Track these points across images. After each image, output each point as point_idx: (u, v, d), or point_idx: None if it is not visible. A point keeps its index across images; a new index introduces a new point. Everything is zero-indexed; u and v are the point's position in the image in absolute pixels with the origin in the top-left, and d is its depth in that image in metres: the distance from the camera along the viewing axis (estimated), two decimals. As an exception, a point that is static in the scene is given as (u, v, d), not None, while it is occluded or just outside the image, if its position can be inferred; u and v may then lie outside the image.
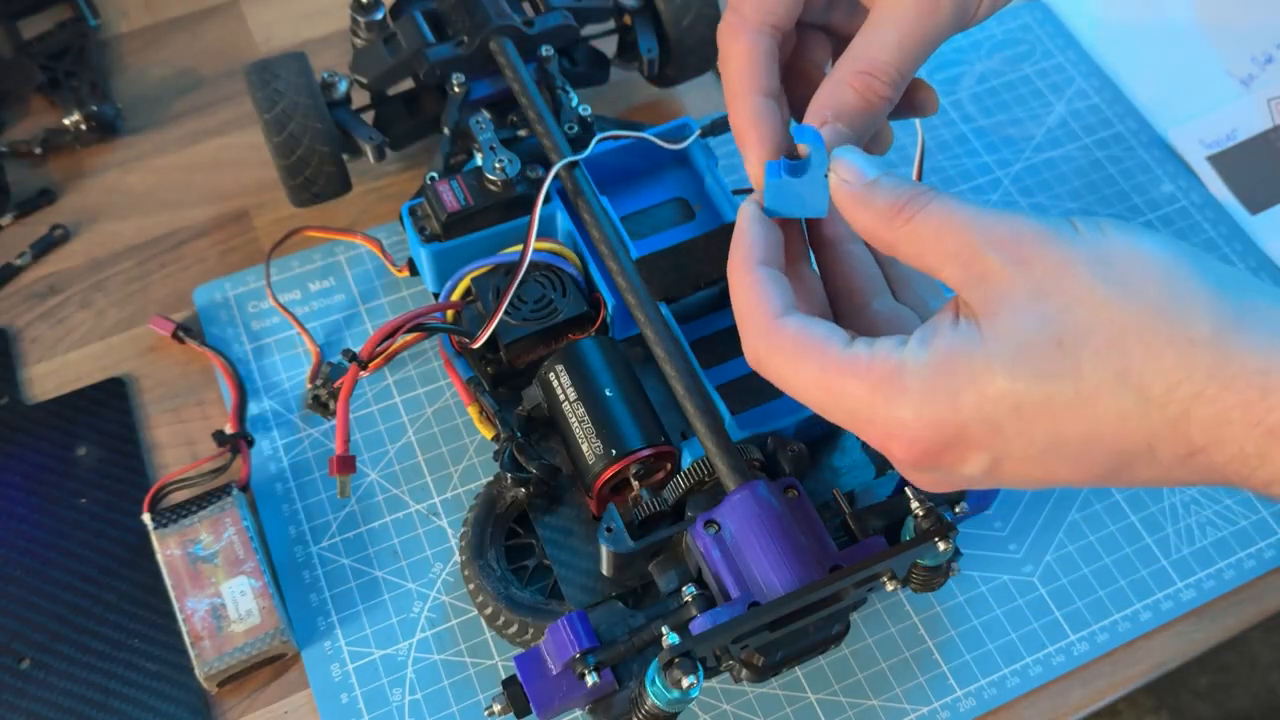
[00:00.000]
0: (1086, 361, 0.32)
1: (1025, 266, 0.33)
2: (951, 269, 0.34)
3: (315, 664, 0.52)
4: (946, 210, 0.35)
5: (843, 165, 0.37)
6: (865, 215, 0.36)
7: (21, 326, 0.61)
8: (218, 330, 0.61)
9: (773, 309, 0.37)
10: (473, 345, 0.52)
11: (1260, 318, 0.31)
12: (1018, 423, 0.33)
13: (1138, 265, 0.32)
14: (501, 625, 0.50)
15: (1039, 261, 0.33)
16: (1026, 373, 0.32)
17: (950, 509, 0.46)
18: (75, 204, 0.66)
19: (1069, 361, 0.32)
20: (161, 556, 0.51)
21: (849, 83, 0.40)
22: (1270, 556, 0.55)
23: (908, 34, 0.40)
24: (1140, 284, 0.32)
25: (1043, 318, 0.32)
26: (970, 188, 0.67)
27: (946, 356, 0.34)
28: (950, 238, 0.34)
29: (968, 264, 0.34)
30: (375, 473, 0.56)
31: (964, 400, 0.33)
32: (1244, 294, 0.32)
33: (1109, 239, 0.33)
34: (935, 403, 0.33)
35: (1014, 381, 0.32)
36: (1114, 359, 0.31)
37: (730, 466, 0.44)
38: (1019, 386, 0.32)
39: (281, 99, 0.57)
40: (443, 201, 0.54)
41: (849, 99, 0.40)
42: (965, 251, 0.34)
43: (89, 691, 0.51)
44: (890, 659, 0.52)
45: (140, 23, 0.74)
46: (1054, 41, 0.74)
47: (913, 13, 0.40)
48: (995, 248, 0.33)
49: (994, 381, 0.33)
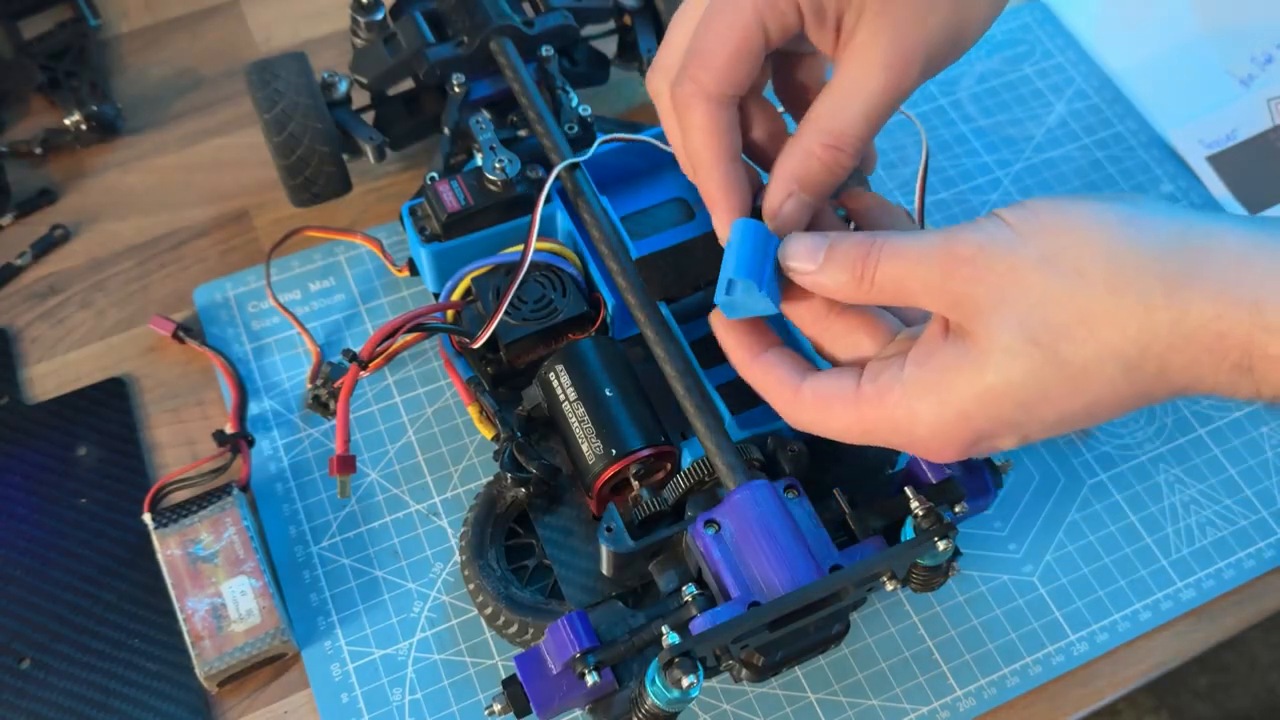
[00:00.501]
0: (1064, 350, 0.35)
1: (983, 284, 0.36)
2: (926, 302, 0.38)
3: (315, 664, 0.52)
4: (897, 255, 0.38)
5: (794, 263, 0.40)
6: (832, 289, 0.39)
7: (22, 326, 0.61)
8: (218, 330, 0.61)
9: (789, 385, 0.41)
10: (473, 345, 0.52)
11: (1207, 268, 0.34)
12: (1026, 413, 0.36)
13: (1080, 251, 0.35)
14: (501, 625, 0.50)
15: (992, 277, 0.36)
16: (1016, 374, 0.36)
17: (950, 509, 0.46)
18: (75, 204, 0.66)
19: (1048, 354, 0.35)
20: (162, 556, 0.51)
21: (816, 155, 0.41)
22: (1270, 556, 0.55)
23: (874, 106, 0.40)
24: (1088, 269, 0.35)
25: (1014, 323, 0.35)
26: (970, 188, 0.67)
27: (943, 376, 0.37)
28: (911, 280, 0.37)
29: (937, 296, 0.37)
30: (375, 472, 0.56)
31: (971, 410, 0.37)
32: (1188, 245, 0.34)
33: (1046, 229, 0.36)
34: (947, 420, 0.37)
35: (1009, 384, 0.36)
36: (1086, 342, 0.35)
37: (730, 466, 0.44)
38: (1014, 387, 0.36)
39: (281, 99, 0.57)
40: (443, 201, 0.54)
41: (815, 170, 0.41)
42: (930, 288, 0.37)
43: (89, 691, 0.51)
44: (890, 659, 0.52)
45: (140, 23, 0.74)
46: (1054, 41, 0.74)
47: (880, 85, 0.40)
48: (951, 277, 0.36)
49: (991, 388, 0.36)
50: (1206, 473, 0.58)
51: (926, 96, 0.71)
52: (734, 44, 0.40)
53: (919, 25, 0.39)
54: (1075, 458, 0.58)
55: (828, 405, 0.40)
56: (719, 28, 0.41)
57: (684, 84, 0.42)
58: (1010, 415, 0.36)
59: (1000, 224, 0.36)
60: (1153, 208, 0.36)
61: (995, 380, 0.36)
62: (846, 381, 0.40)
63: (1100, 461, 0.58)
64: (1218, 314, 0.33)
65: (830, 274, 0.39)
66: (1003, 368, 0.36)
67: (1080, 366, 0.35)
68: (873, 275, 0.38)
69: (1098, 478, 0.57)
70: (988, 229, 0.36)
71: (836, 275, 0.39)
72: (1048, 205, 0.37)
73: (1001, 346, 0.36)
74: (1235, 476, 0.57)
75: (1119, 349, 0.34)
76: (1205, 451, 0.58)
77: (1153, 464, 0.58)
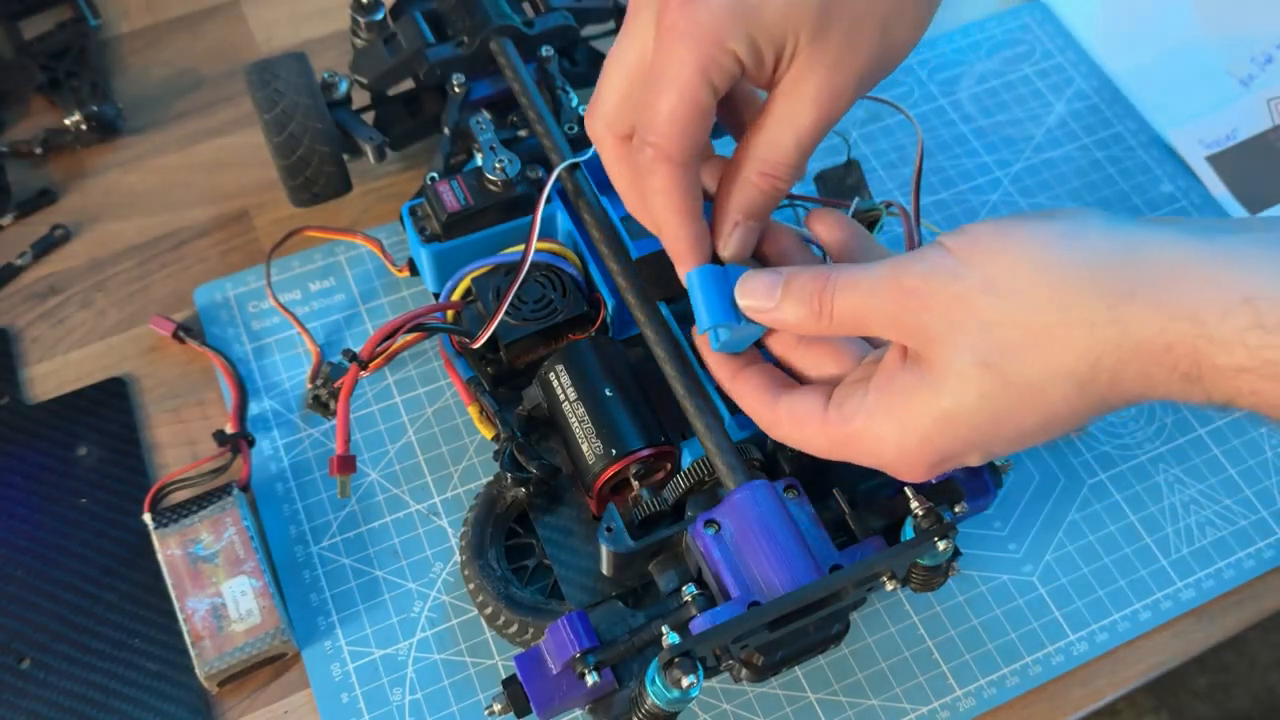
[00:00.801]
0: (1015, 372, 0.36)
1: (931, 314, 0.37)
2: (882, 331, 0.39)
3: (315, 664, 0.52)
4: (850, 287, 0.39)
5: (750, 301, 0.42)
6: (792, 324, 0.41)
7: (22, 326, 0.61)
8: (218, 330, 0.61)
9: (766, 402, 0.43)
10: (473, 345, 0.52)
11: (1146, 282, 0.34)
12: (984, 433, 0.38)
13: (1022, 273, 0.36)
14: (501, 625, 0.50)
15: (939, 306, 0.37)
16: (971, 398, 0.37)
17: (950, 509, 0.46)
18: (76, 204, 0.66)
19: (1000, 377, 0.36)
20: (162, 556, 0.51)
21: (755, 183, 0.42)
22: (1270, 556, 0.55)
23: (805, 137, 0.41)
24: (1031, 291, 0.36)
25: (965, 349, 0.37)
26: (970, 188, 0.67)
27: (903, 401, 0.38)
28: (866, 312, 0.39)
29: (890, 327, 0.39)
30: (375, 472, 0.56)
31: (931, 434, 0.38)
32: (1128, 260, 0.35)
33: (988, 254, 0.37)
34: (910, 444, 0.39)
35: (965, 408, 0.37)
36: (1035, 362, 0.36)
37: (730, 466, 0.44)
38: (970, 410, 0.37)
39: (282, 99, 0.57)
40: (443, 202, 0.55)
41: (755, 198, 0.42)
42: (883, 318, 0.39)
43: (89, 691, 0.51)
44: (890, 659, 0.52)
45: (141, 23, 0.74)
46: (1054, 42, 0.74)
47: (811, 119, 0.41)
48: (901, 309, 0.38)
49: (949, 413, 0.37)
50: (1206, 473, 0.58)
51: (926, 96, 0.71)
52: (685, 107, 0.40)
53: (848, 63, 0.40)
54: (1075, 458, 0.58)
55: (801, 425, 0.42)
56: (668, 93, 0.40)
57: (643, 150, 0.42)
58: (969, 436, 0.38)
59: (943, 252, 0.38)
60: (1094, 222, 0.37)
61: (951, 405, 0.37)
62: (816, 404, 0.41)
63: (1100, 461, 0.58)
64: (1161, 327, 0.34)
65: (789, 310, 0.41)
66: (957, 392, 0.37)
67: (1033, 386, 0.36)
68: (830, 309, 0.40)
69: (1097, 478, 0.57)
70: (932, 258, 0.38)
71: (795, 310, 0.40)
72: (988, 230, 0.37)
73: (955, 372, 0.37)
74: (1235, 476, 0.57)
75: (1069, 367, 0.35)
76: (1205, 451, 0.58)
77: (1152, 464, 0.58)
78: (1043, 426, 0.37)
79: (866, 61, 0.40)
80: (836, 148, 0.67)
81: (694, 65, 0.39)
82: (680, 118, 0.40)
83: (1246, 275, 0.33)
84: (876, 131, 0.69)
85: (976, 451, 0.38)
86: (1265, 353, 0.33)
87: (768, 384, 0.43)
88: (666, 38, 0.40)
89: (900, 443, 0.39)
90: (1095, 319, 0.35)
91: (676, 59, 0.40)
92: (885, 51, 0.41)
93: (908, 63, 0.72)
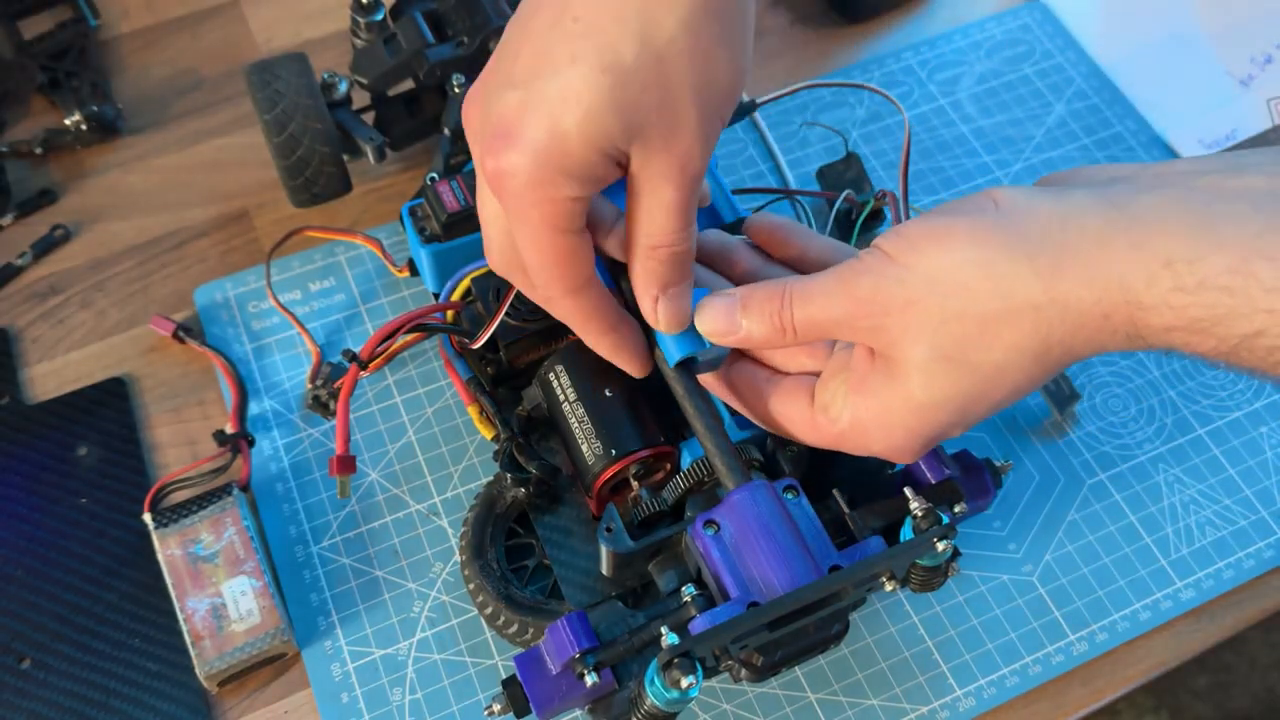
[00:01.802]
0: (975, 358, 0.38)
1: (887, 319, 0.39)
2: (846, 336, 0.41)
3: (315, 663, 0.52)
4: (806, 300, 0.41)
5: (711, 330, 0.43)
6: (759, 341, 0.43)
7: (22, 326, 0.61)
8: (218, 330, 0.61)
9: (760, 397, 0.45)
10: (473, 346, 0.52)
11: (1073, 257, 0.37)
12: (960, 414, 0.40)
13: (959, 268, 0.38)
14: (501, 625, 0.50)
15: (893, 312, 0.39)
16: (940, 388, 0.39)
17: (949, 509, 0.46)
18: (76, 204, 0.66)
19: (962, 366, 0.39)
20: (162, 556, 0.51)
21: (651, 258, 0.42)
22: (1269, 556, 0.55)
23: (673, 205, 0.41)
24: (971, 283, 0.38)
25: (924, 346, 0.39)
26: (970, 188, 0.67)
27: (880, 400, 0.41)
28: (826, 321, 0.41)
29: (852, 333, 0.41)
30: (375, 472, 0.56)
31: (912, 424, 0.41)
32: (1053, 238, 0.37)
33: (924, 255, 0.39)
34: (895, 436, 0.41)
35: (937, 399, 0.40)
36: (992, 347, 0.38)
37: (730, 466, 0.44)
38: (943, 399, 0.39)
39: (282, 99, 0.57)
40: (443, 202, 0.55)
41: (658, 270, 0.42)
42: (843, 325, 0.41)
43: (89, 691, 0.51)
44: (890, 659, 0.52)
45: (141, 23, 0.74)
46: (1053, 42, 0.74)
47: (669, 190, 0.40)
48: (857, 317, 0.40)
49: (924, 405, 0.40)
50: (1206, 473, 0.58)
51: (926, 96, 0.71)
52: (551, 256, 0.41)
53: (680, 138, 0.39)
54: (1075, 458, 0.58)
55: (792, 424, 0.44)
56: (530, 252, 0.41)
57: (538, 295, 0.43)
58: (948, 419, 0.40)
59: (885, 259, 0.40)
60: (1021, 202, 0.38)
61: (924, 397, 0.40)
62: (802, 406, 0.44)
63: (1100, 461, 0.58)
64: (1095, 298, 0.36)
65: (753, 329, 0.43)
66: (927, 385, 0.39)
67: (994, 367, 0.38)
68: (791, 324, 0.42)
69: (1097, 478, 0.57)
70: (875, 267, 0.40)
71: (758, 329, 0.42)
72: (921, 230, 0.39)
73: (919, 368, 0.39)
74: (1235, 476, 0.57)
75: (1022, 345, 0.38)
76: (1205, 451, 0.58)
77: (1152, 464, 0.58)
78: (1011, 395, 0.40)
79: (698, 123, 0.39)
80: (837, 147, 0.67)
81: (536, 221, 0.40)
82: (550, 265, 0.41)
83: (1164, 240, 0.35)
84: (876, 131, 0.69)
85: (958, 427, 0.41)
86: (1190, 311, 0.35)
87: (751, 382, 0.46)
88: (503, 204, 0.40)
89: (887, 438, 0.41)
90: (1036, 301, 0.37)
91: (519, 221, 0.40)
92: (710, 100, 0.40)
93: (908, 63, 0.72)
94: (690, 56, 0.38)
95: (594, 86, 0.37)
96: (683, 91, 0.38)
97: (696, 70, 0.39)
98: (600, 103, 0.37)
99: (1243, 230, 0.35)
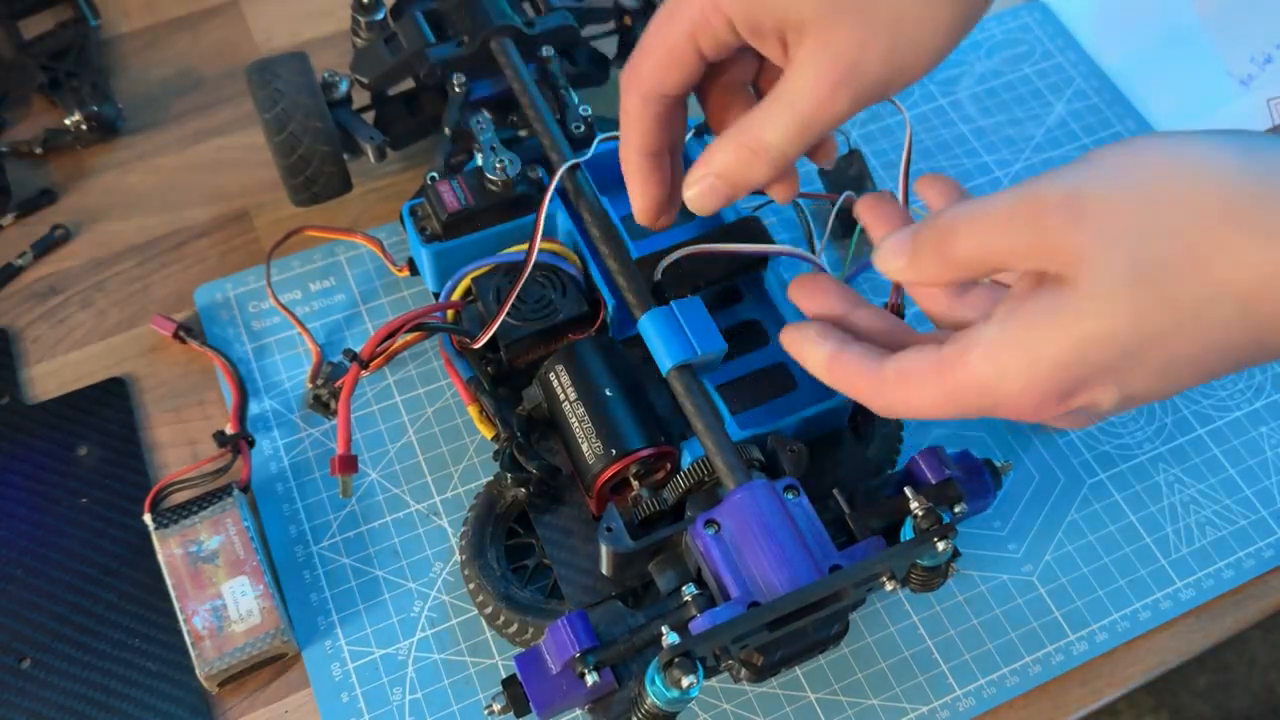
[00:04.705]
0: (1173, 288, 0.33)
1: (1078, 227, 0.34)
2: (1015, 263, 0.35)
3: (316, 663, 0.52)
4: (973, 222, 0.36)
5: (883, 261, 0.39)
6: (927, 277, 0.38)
7: (22, 326, 0.61)
8: (218, 330, 0.61)
9: (870, 372, 0.39)
10: (474, 345, 0.52)
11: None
12: (1130, 359, 0.34)
13: (1192, 184, 0.33)
14: (501, 625, 0.50)
15: (1088, 219, 0.33)
16: (1122, 317, 0.33)
17: (949, 509, 0.46)
18: (76, 204, 0.66)
19: (1156, 293, 0.33)
20: (162, 557, 0.51)
21: (733, 153, 0.42)
22: (1269, 556, 0.55)
23: (796, 123, 0.40)
24: (1202, 201, 0.33)
25: (1118, 263, 0.33)
26: (970, 188, 0.67)
27: (1033, 326, 0.35)
28: (996, 244, 0.35)
29: (1026, 254, 0.35)
30: (376, 472, 0.56)
31: (1068, 358, 0.34)
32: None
33: (1151, 166, 0.34)
34: (1039, 372, 0.35)
35: (1111, 329, 0.33)
36: (1199, 276, 0.33)
37: (730, 465, 0.44)
38: (1117, 331, 0.33)
39: (282, 99, 0.57)
40: (443, 201, 0.55)
41: (731, 166, 0.42)
42: (1017, 247, 0.35)
43: (90, 691, 0.51)
44: (890, 658, 0.52)
45: (141, 23, 0.74)
46: (1054, 42, 0.74)
47: (804, 105, 0.40)
48: (1040, 229, 0.34)
49: (1092, 334, 0.34)
50: (1206, 472, 0.58)
51: (926, 96, 0.71)
52: (663, 50, 0.43)
53: (852, 58, 0.39)
54: (1075, 458, 0.58)
55: (909, 380, 0.38)
56: (654, 32, 0.43)
57: (626, 68, 0.45)
58: (1113, 362, 0.34)
59: (1092, 164, 0.35)
60: (1271, 143, 0.34)
61: (1096, 326, 0.33)
62: (928, 351, 0.38)
63: (1100, 461, 0.58)
64: None
65: (918, 265, 0.38)
66: (1107, 311, 0.33)
67: (1191, 305, 0.33)
68: (954, 252, 0.36)
69: (1097, 477, 0.57)
70: (1078, 172, 0.34)
71: (923, 264, 0.37)
72: (1153, 144, 0.34)
73: (1105, 289, 0.33)
74: (1235, 476, 0.57)
75: (1233, 285, 0.32)
76: (1205, 451, 0.58)
77: (1152, 464, 0.58)
78: (1195, 359, 0.34)
79: (870, 66, 0.39)
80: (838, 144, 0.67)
81: (687, 18, 0.42)
82: (654, 56, 0.43)
83: None
84: (876, 131, 0.69)
85: (1114, 383, 0.35)
86: None
87: (868, 354, 0.40)
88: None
89: (1030, 371, 0.35)
90: (1274, 233, 0.32)
91: (677, 7, 0.42)
92: (890, 67, 0.40)
93: (908, 63, 0.72)
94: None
95: None
96: (885, 16, 0.38)
97: (911, 10, 0.39)
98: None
99: None
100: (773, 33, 0.41)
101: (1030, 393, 0.35)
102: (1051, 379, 0.35)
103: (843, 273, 0.62)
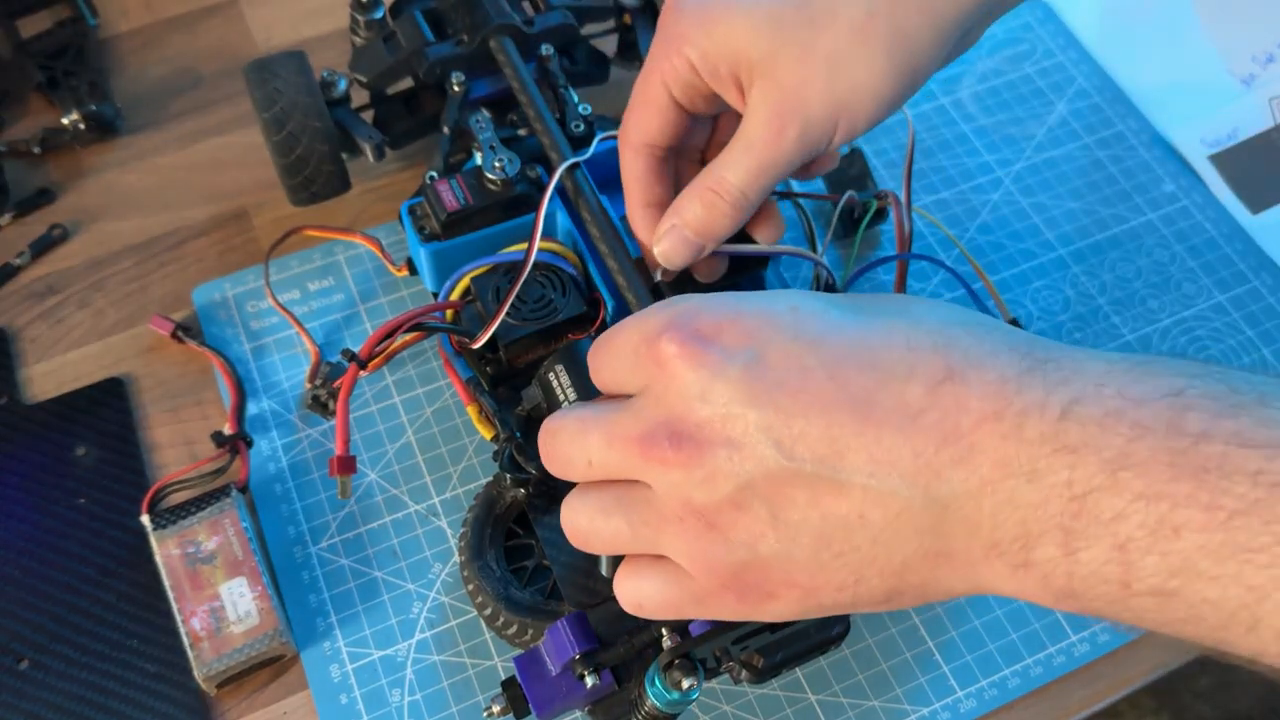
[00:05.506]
0: None
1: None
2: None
3: (314, 665, 0.51)
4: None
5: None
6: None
7: (20, 326, 0.61)
8: (217, 330, 0.60)
9: None
10: (473, 345, 0.52)
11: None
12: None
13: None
14: (501, 626, 0.50)
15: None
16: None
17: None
18: (74, 203, 0.66)
19: None
20: (160, 558, 0.51)
21: (697, 197, 0.44)
22: (1272, 557, 0.55)
23: (754, 161, 0.42)
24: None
25: None
26: (971, 187, 0.67)
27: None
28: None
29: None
30: (374, 473, 0.56)
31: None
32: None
33: None
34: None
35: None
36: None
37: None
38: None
39: (280, 98, 0.57)
40: (442, 201, 0.54)
41: (695, 210, 0.44)
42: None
43: (87, 692, 0.51)
44: (891, 660, 0.52)
45: (140, 22, 0.74)
46: (1055, 41, 0.73)
47: (759, 143, 0.42)
48: None
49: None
50: (1208, 473, 0.57)
51: (927, 95, 0.71)
52: (641, 100, 0.46)
53: (795, 94, 0.41)
54: (1077, 458, 0.58)
55: None
56: (636, 86, 0.46)
57: (621, 129, 0.47)
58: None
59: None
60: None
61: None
62: None
63: (1102, 462, 0.57)
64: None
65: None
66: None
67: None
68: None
69: (1099, 478, 0.57)
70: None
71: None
72: None
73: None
74: (1237, 477, 0.57)
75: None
76: (1207, 452, 0.58)
77: (1154, 464, 0.57)
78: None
79: (817, 97, 0.40)
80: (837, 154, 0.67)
81: (658, 68, 0.44)
82: (635, 107, 0.46)
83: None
84: (878, 130, 0.69)
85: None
86: None
87: None
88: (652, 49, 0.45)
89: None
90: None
91: (651, 59, 0.44)
92: (837, 91, 0.41)
93: (908, 62, 0.72)
94: None
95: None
96: (816, 58, 0.40)
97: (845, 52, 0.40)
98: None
99: None
100: (729, 76, 0.42)
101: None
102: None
103: (846, 272, 0.61)
